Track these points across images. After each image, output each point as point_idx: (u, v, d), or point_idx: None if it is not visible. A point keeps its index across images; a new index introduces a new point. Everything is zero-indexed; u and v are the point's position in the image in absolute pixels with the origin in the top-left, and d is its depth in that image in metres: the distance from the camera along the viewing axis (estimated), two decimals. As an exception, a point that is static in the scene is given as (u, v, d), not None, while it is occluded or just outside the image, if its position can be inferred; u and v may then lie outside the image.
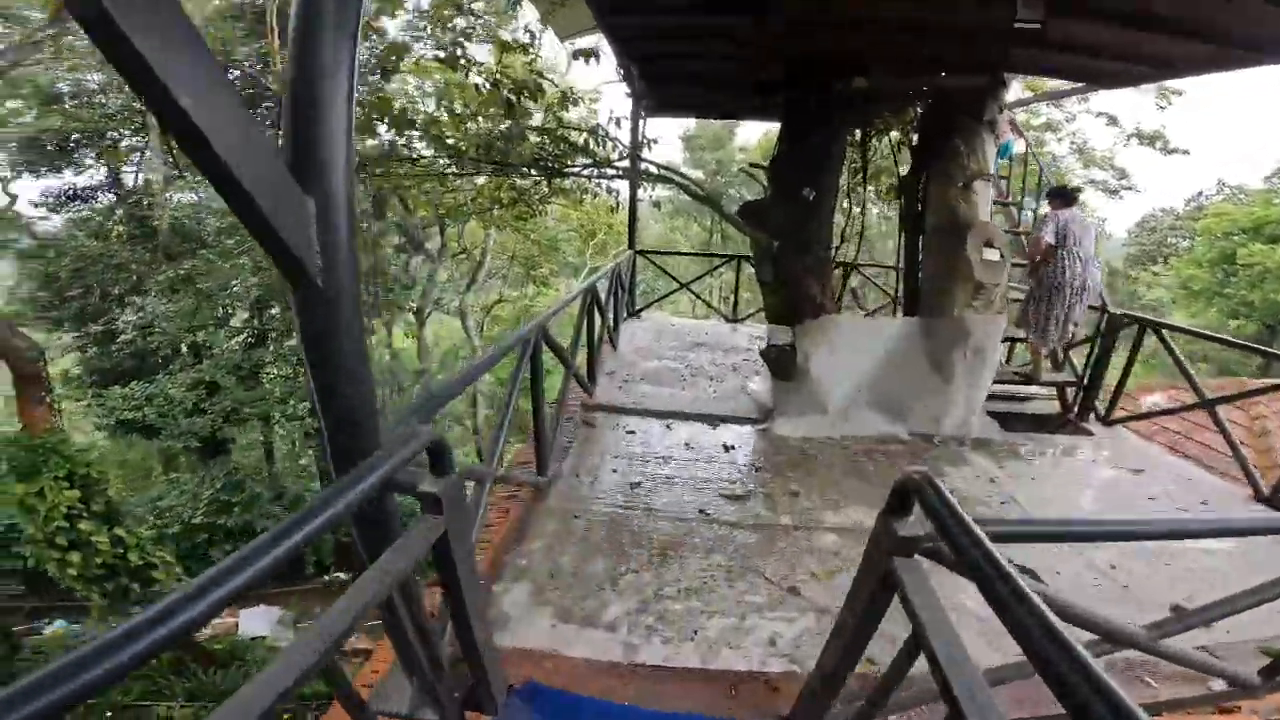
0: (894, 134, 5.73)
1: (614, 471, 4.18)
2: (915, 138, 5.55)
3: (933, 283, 5.08)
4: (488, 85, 4.66)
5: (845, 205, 5.93)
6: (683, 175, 5.27)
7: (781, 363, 4.74)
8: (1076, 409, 5.52)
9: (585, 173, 5.57)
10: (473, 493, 2.80)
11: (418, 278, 13.63)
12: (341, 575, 13.18)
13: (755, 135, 23.04)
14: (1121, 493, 4.16)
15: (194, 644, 8.06)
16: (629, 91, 6.79)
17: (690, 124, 24.66)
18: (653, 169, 5.75)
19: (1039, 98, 6.51)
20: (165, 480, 13.98)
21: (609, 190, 7.06)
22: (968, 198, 4.92)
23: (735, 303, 9.10)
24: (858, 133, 5.80)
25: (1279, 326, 19.10)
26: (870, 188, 6.44)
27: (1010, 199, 6.18)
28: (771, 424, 4.83)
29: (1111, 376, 5.44)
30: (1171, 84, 12.79)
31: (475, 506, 2.73)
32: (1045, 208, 5.43)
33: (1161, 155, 13.03)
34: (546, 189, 7.23)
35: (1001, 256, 4.84)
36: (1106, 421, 5.42)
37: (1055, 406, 5.75)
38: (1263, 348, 4.79)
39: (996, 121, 5.13)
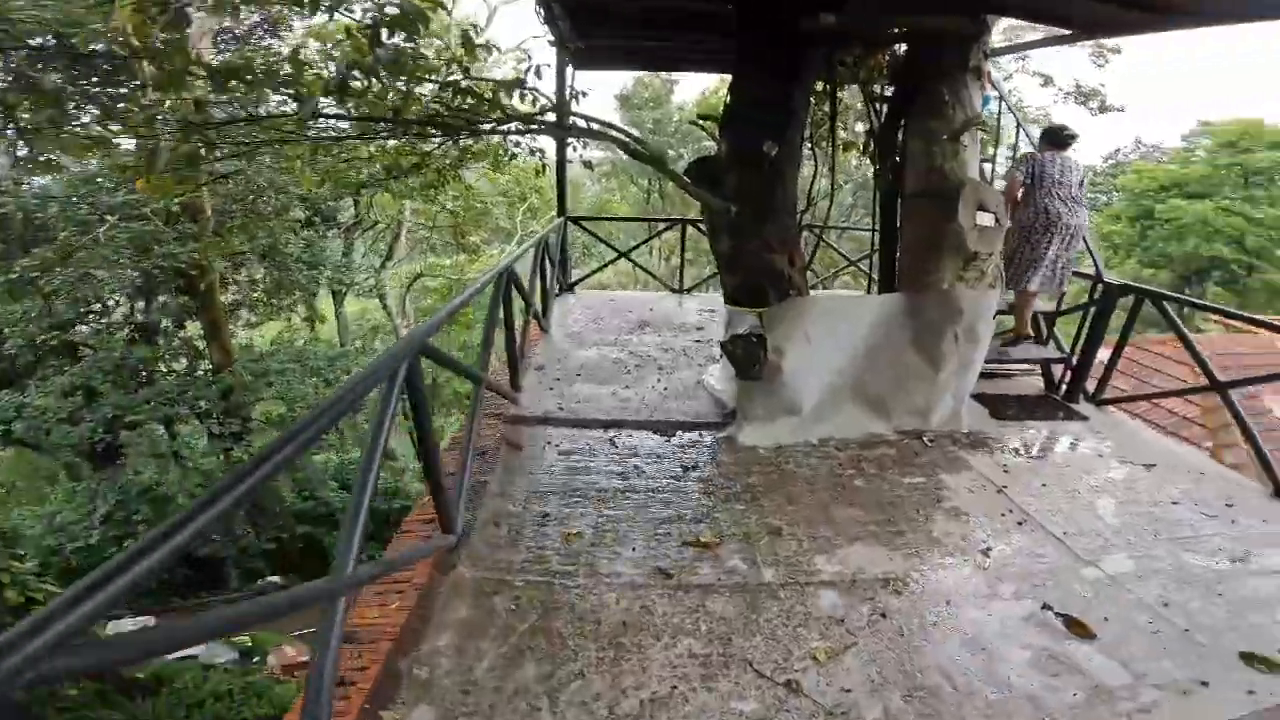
0: (866, 83, 4.85)
1: (545, 516, 3.23)
2: (890, 87, 4.69)
3: (915, 253, 4.29)
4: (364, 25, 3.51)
5: (811, 163, 5.06)
6: (620, 130, 4.27)
7: (747, 358, 3.87)
8: (1065, 389, 4.91)
9: (500, 131, 4.48)
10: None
11: (328, 254, 12.09)
12: (276, 579, 11.95)
13: (696, 92, 21.90)
14: (1142, 498, 3.51)
15: (113, 674, 6.92)
16: (553, 39, 5.66)
17: (627, 82, 23.30)
18: (582, 124, 4.72)
19: (1017, 47, 5.77)
20: (61, 493, 12.26)
21: (532, 151, 5.97)
22: (955, 154, 4.12)
23: (681, 271, 8.22)
24: (821, 83, 4.89)
25: (1193, 277, 19.71)
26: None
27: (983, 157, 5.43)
28: (738, 431, 3.98)
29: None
30: (1110, 42, 12.42)
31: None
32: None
33: (1092, 114, 12.69)
34: (456, 152, 6.08)
35: (997, 221, 4.08)
36: (1097, 402, 4.83)
37: (1039, 385, 5.14)
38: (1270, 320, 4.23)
39: (983, 68, 4.32)
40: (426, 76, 4.21)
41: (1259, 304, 18.04)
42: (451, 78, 4.22)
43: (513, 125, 4.32)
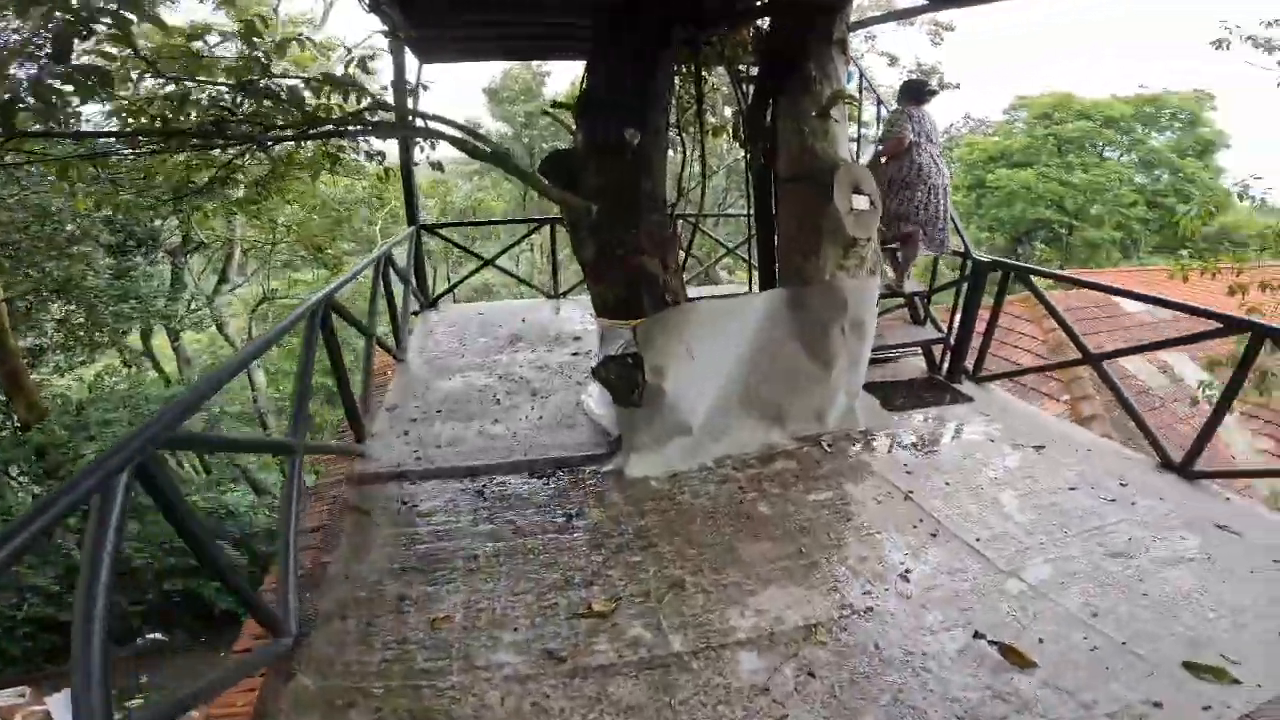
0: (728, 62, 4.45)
1: (404, 599, 2.60)
2: (755, 66, 4.33)
3: (794, 242, 3.96)
4: None
5: (680, 150, 4.63)
6: (459, 127, 3.62)
7: (623, 384, 3.38)
8: (946, 368, 4.82)
9: (317, 135, 3.68)
10: None
11: (146, 284, 10.35)
12: (159, 635, 10.29)
13: (568, 82, 21.05)
14: (1041, 486, 3.36)
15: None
16: (388, 28, 4.83)
17: (495, 75, 22.08)
18: (420, 122, 4.02)
19: (886, 17, 5.61)
20: None
21: (370, 155, 5.15)
22: (826, 132, 3.81)
23: (555, 274, 7.59)
24: (685, 65, 4.46)
25: (1023, 238, 21.56)
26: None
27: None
28: (625, 462, 3.48)
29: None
30: (943, 19, 13.05)
31: None
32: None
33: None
34: (270, 162, 5.14)
35: (872, 204, 3.82)
36: (978, 379, 4.78)
37: (922, 365, 5.04)
38: (1152, 296, 4.23)
39: (847, 41, 4.05)
40: (210, 80, 3.37)
41: (1080, 258, 20.02)
42: (252, 78, 3.39)
43: (340, 127, 3.56)
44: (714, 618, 2.48)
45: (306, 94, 3.50)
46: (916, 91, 4.63)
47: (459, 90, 21.65)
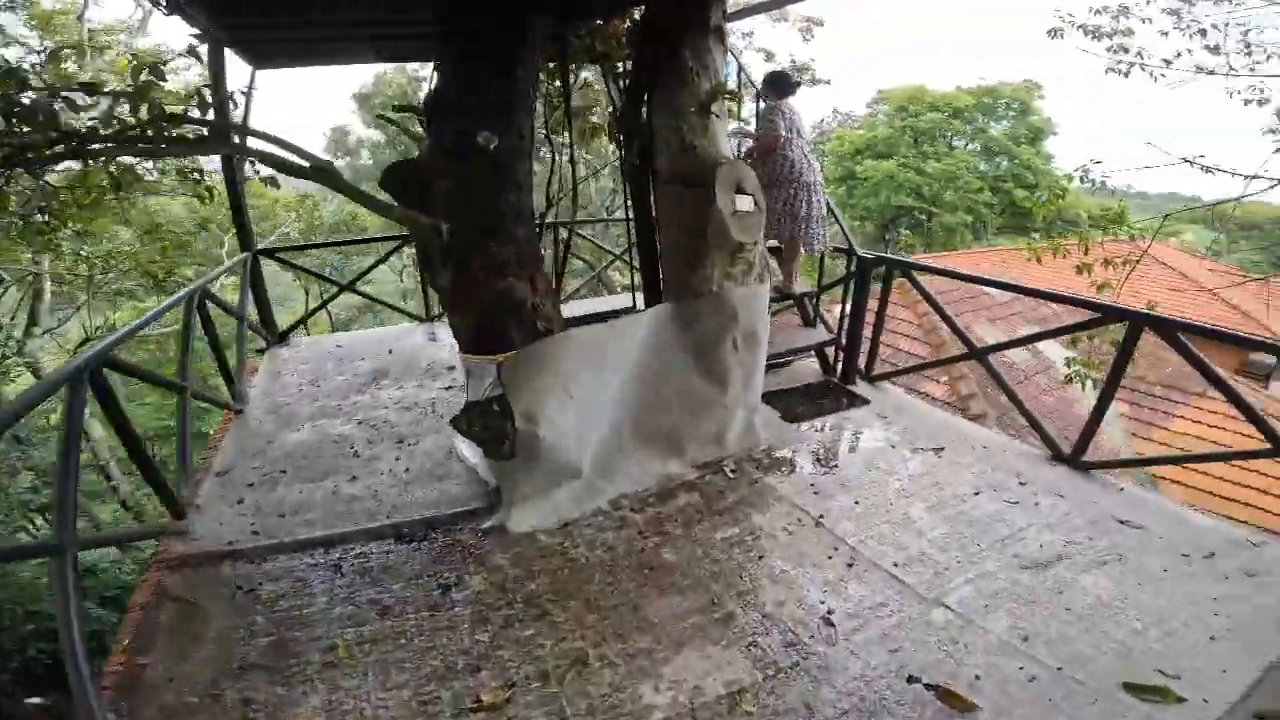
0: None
1: (249, 705, 2.05)
2: (630, 60, 3.97)
3: (678, 250, 3.64)
4: None
5: (550, 154, 4.17)
6: (275, 139, 2.98)
7: (491, 436, 2.90)
8: (840, 370, 4.70)
9: (97, 152, 2.92)
10: None
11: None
12: (39, 700, 8.53)
13: None
14: (947, 494, 3.23)
15: None
16: (198, 31, 4.00)
17: (366, 80, 20.48)
18: (247, 138, 3.34)
19: (761, 7, 5.39)
20: None
21: (183, 173, 4.32)
22: (706, 129, 3.51)
23: (426, 294, 6.86)
24: (551, 61, 4.01)
25: (889, 225, 22.85)
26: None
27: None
28: (506, 516, 3.00)
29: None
30: (815, 14, 13.33)
31: None
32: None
33: (808, 88, 13.61)
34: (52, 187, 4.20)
35: (756, 205, 3.56)
36: (871, 379, 4.70)
37: (816, 368, 4.90)
38: (1037, 289, 4.22)
39: (725, 29, 3.77)
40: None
41: (939, 242, 21.45)
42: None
43: (110, 144, 2.81)
44: (625, 696, 2.11)
45: (101, 101, 2.76)
46: (782, 84, 4.44)
47: (329, 97, 20.00)
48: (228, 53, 4.33)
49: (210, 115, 3.12)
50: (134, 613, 2.57)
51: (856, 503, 3.17)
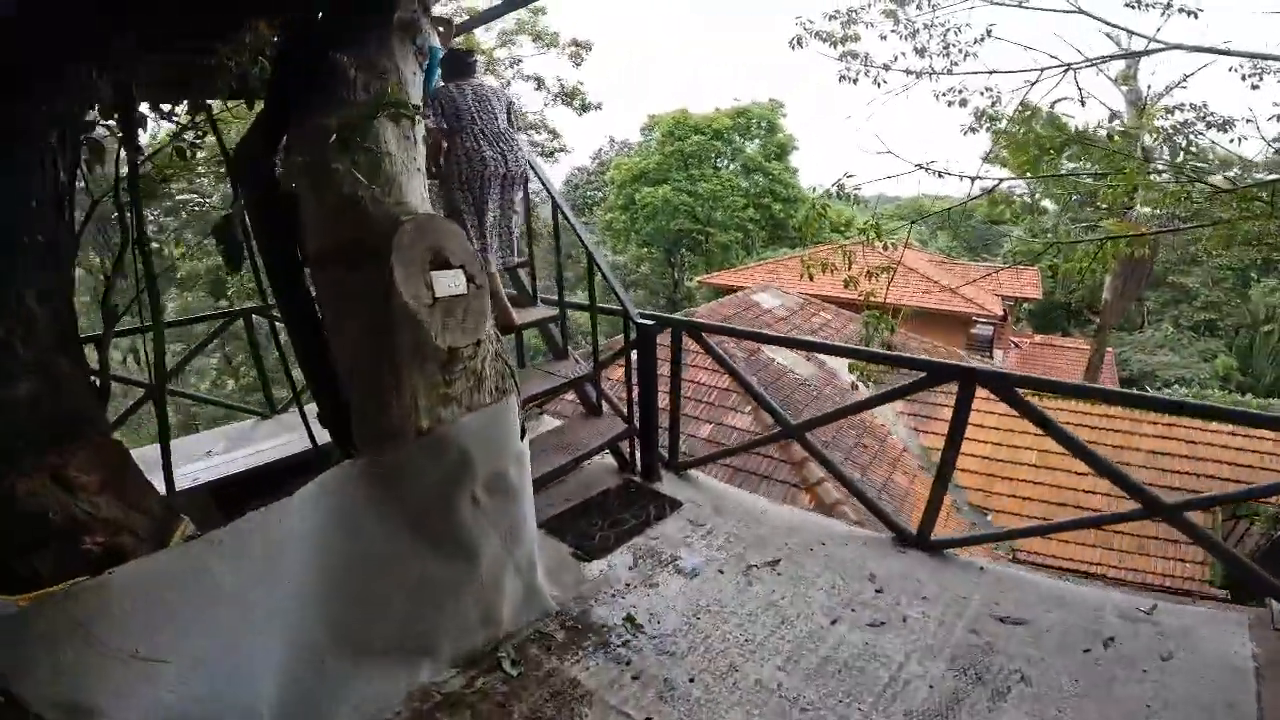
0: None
1: None
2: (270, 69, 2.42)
3: (358, 374, 2.18)
4: None
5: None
6: None
7: None
8: (640, 463, 3.57)
9: None
10: None
11: None
12: None
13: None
14: (800, 631, 2.28)
15: None
16: None
17: None
18: None
19: (477, 20, 4.13)
20: None
21: None
22: (376, 169, 2.10)
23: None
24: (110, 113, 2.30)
25: (672, 249, 23.12)
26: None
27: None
28: None
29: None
30: (582, 38, 12.45)
31: None
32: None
33: (578, 114, 12.78)
34: None
35: (471, 280, 2.23)
36: (678, 469, 3.63)
37: (611, 464, 3.71)
38: (856, 349, 3.45)
39: (419, 22, 2.41)
40: None
41: (717, 260, 22.08)
42: None
43: None
44: None
45: None
46: (456, 64, 3.26)
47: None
48: None
49: None
50: None
51: (691, 680, 2.09)
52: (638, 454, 3.55)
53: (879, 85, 6.73)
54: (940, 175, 5.60)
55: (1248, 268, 19.40)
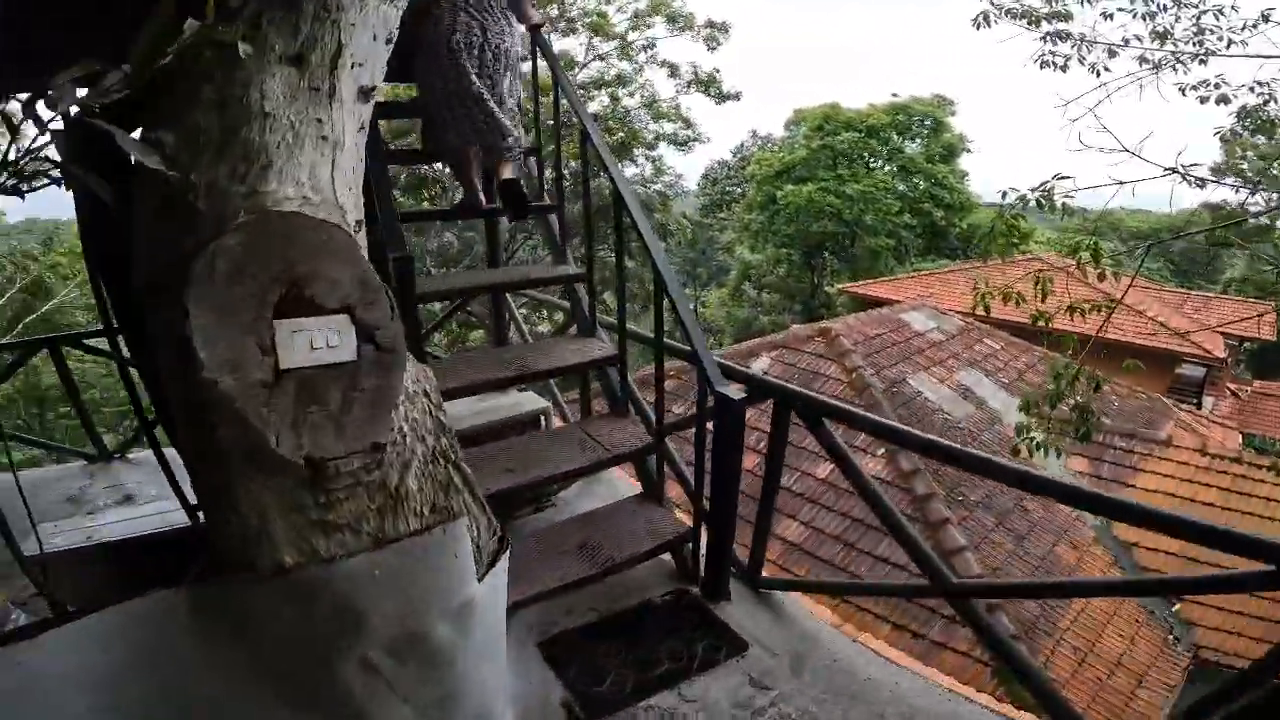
0: None
1: None
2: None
3: (197, 472, 1.32)
4: None
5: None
6: None
7: None
8: (704, 576, 2.46)
9: None
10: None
11: None
12: None
13: None
14: None
15: None
16: None
17: None
18: None
19: None
20: None
21: None
22: (253, 148, 1.20)
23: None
24: None
25: (814, 252, 21.18)
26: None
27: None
28: None
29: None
30: (718, 19, 11.35)
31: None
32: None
33: (715, 103, 11.66)
34: None
35: (369, 338, 1.26)
36: (757, 587, 2.47)
37: (666, 567, 2.63)
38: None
39: None
40: None
41: (864, 268, 19.88)
42: None
43: None
44: None
45: None
46: None
47: None
48: None
49: None
50: None
51: None
52: (702, 558, 2.44)
53: (1097, 74, 4.98)
54: (1199, 184, 3.93)
55: None
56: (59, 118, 1.04)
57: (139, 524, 2.69)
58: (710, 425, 2.14)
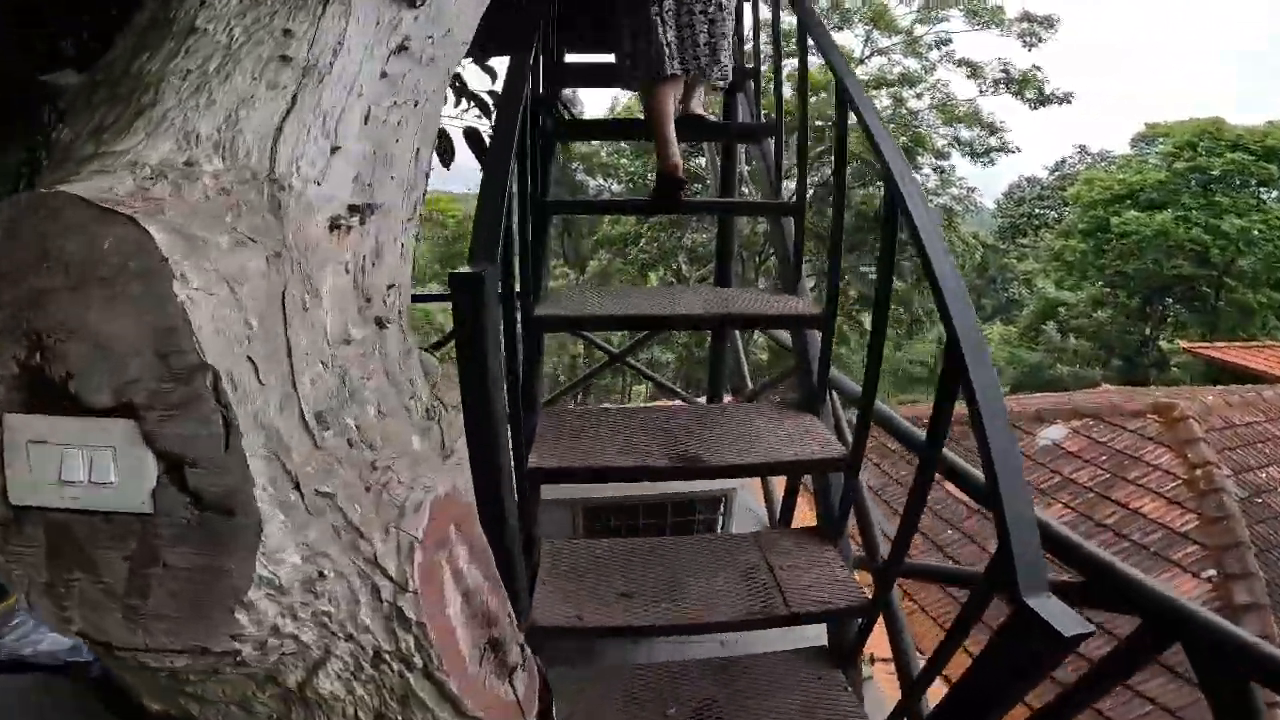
0: None
1: None
2: None
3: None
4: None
5: None
6: None
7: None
8: None
9: None
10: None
11: None
12: None
13: None
14: None
15: None
16: None
17: None
18: None
19: None
20: None
21: None
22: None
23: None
24: None
25: (1154, 297, 16.31)
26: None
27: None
28: None
29: None
30: (1040, 13, 9.11)
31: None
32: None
33: (1031, 108, 9.38)
34: None
35: (226, 515, 0.56)
36: None
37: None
38: None
39: None
40: None
41: (1229, 326, 14.70)
42: None
43: None
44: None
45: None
46: None
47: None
48: None
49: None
50: None
51: None
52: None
53: None
54: None
55: None
56: None
57: None
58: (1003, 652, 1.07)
